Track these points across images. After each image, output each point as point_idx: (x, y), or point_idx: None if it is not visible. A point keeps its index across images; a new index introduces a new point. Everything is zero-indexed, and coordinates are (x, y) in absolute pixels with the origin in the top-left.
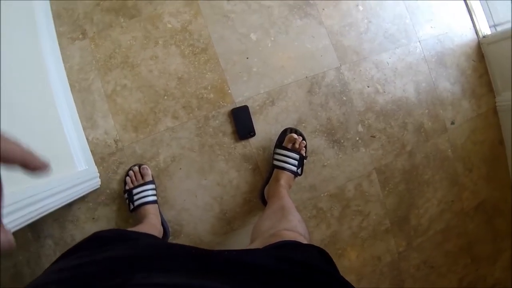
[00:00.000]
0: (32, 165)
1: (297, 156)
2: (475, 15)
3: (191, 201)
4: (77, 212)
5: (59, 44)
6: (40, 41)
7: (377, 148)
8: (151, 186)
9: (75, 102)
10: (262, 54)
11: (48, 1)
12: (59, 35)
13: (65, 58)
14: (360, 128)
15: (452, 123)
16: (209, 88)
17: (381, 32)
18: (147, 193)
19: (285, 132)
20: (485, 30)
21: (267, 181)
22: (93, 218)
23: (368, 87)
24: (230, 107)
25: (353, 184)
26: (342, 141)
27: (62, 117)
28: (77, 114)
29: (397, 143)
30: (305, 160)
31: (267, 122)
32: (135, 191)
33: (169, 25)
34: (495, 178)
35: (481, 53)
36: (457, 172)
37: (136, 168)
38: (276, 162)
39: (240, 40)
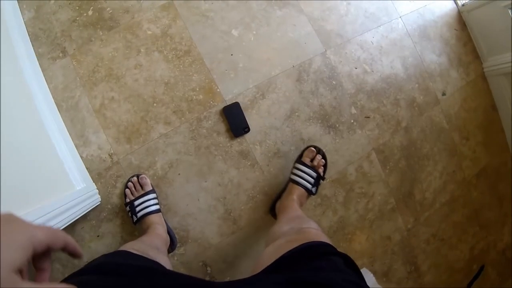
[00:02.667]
0: (70, 250)
1: (314, 174)
2: None
3: (194, 205)
4: (81, 231)
5: (40, 65)
6: (21, 66)
7: (373, 128)
8: (152, 195)
9: (64, 121)
10: (246, 49)
11: (23, 24)
12: (39, 56)
13: (48, 79)
14: (353, 110)
15: (443, 94)
16: (197, 89)
17: (361, 12)
18: (149, 203)
19: (307, 149)
20: None
21: (279, 196)
22: (98, 236)
23: (356, 68)
24: (221, 105)
25: (353, 167)
26: (337, 125)
27: (53, 139)
28: (67, 133)
29: (392, 120)
30: (321, 181)
31: (260, 116)
32: (136, 202)
33: (149, 32)
34: (492, 143)
35: (462, 22)
36: (455, 142)
37: (135, 179)
38: (292, 176)
39: (222, 37)
